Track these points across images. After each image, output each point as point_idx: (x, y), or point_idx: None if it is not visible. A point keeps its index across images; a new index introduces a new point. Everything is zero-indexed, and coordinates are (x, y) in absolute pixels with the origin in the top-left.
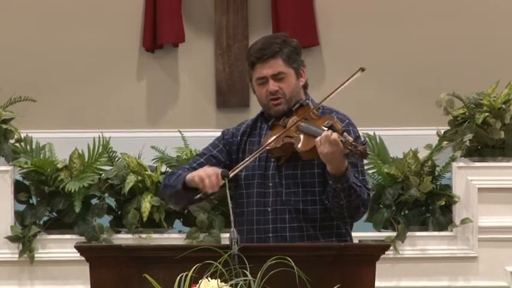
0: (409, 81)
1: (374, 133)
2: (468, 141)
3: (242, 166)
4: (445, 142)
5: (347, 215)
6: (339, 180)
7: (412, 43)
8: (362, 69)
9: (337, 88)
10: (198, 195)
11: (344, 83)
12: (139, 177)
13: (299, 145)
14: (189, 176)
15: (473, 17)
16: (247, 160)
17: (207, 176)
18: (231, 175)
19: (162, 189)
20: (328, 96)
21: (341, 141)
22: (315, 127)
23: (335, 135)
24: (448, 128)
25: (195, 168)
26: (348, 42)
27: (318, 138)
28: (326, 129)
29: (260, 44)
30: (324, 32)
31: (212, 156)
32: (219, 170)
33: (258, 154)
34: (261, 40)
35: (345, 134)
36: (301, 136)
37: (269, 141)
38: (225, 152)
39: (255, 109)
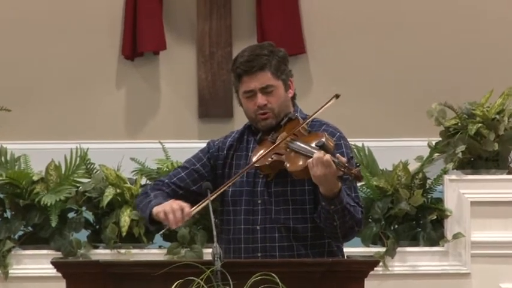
0: (399, 90)
1: (362, 144)
2: (460, 153)
3: (227, 186)
4: (437, 154)
5: (340, 235)
6: (332, 201)
7: (402, 51)
8: (337, 96)
9: (313, 114)
10: (162, 231)
11: (319, 110)
12: (118, 190)
13: (289, 165)
14: (155, 209)
15: (465, 24)
16: (233, 179)
17: (172, 211)
18: (212, 198)
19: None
20: (304, 123)
21: (334, 162)
22: (306, 146)
23: (327, 157)
24: (440, 139)
25: (175, 183)
26: (335, 50)
27: (310, 161)
28: (318, 148)
29: (247, 56)
30: (311, 39)
31: (194, 171)
32: (184, 204)
33: (245, 171)
34: (247, 51)
35: (338, 155)
36: (292, 154)
37: (257, 158)
38: (208, 167)
39: (239, 119)
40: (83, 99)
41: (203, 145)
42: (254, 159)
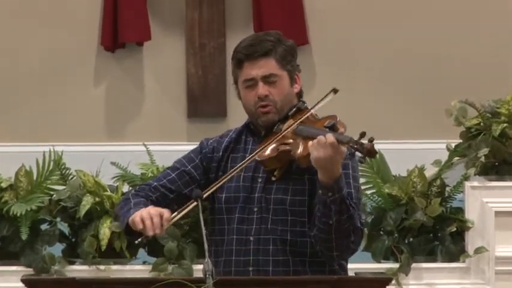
0: (413, 86)
1: None
2: (483, 157)
3: (221, 183)
4: (457, 158)
5: (335, 242)
6: (331, 188)
7: (416, 42)
8: (335, 91)
9: (310, 109)
10: (139, 239)
11: (315, 105)
12: (97, 199)
13: (298, 150)
14: (132, 216)
15: (488, 13)
16: (229, 174)
17: (149, 216)
18: (205, 195)
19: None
20: (311, 109)
21: (344, 139)
22: (315, 129)
23: (331, 138)
24: (460, 141)
25: (164, 186)
26: (342, 40)
27: (314, 141)
28: (327, 130)
29: (250, 40)
30: (315, 29)
31: (185, 172)
32: (163, 210)
33: (244, 165)
34: (252, 36)
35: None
36: (299, 140)
37: (261, 149)
38: (201, 169)
39: (234, 119)
40: (56, 97)
41: (192, 148)
42: (259, 151)
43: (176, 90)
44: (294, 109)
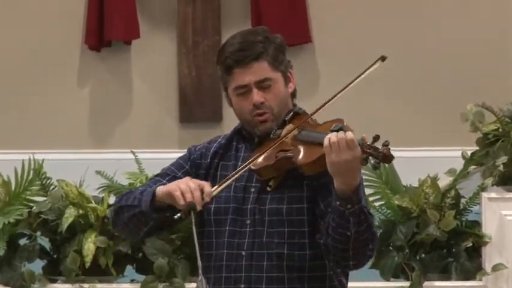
0: (425, 88)
1: None
2: (502, 165)
3: (222, 187)
4: (473, 166)
5: (352, 253)
6: (350, 199)
7: (428, 40)
8: (383, 58)
9: (353, 81)
10: (178, 215)
11: (361, 74)
12: (80, 211)
13: (299, 157)
14: (161, 190)
15: (504, 10)
16: (227, 180)
17: (189, 189)
18: (219, 189)
19: (113, 214)
20: (315, 111)
21: (358, 142)
22: (319, 133)
23: (350, 134)
24: (477, 148)
25: None
26: (347, 39)
27: (328, 142)
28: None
29: (238, 44)
30: (318, 26)
31: (177, 179)
32: (203, 183)
33: (240, 173)
34: (237, 37)
35: (363, 135)
36: (301, 147)
37: (256, 157)
38: (191, 176)
39: (229, 124)
40: (37, 100)
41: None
42: (254, 159)
43: (167, 92)
44: (291, 114)
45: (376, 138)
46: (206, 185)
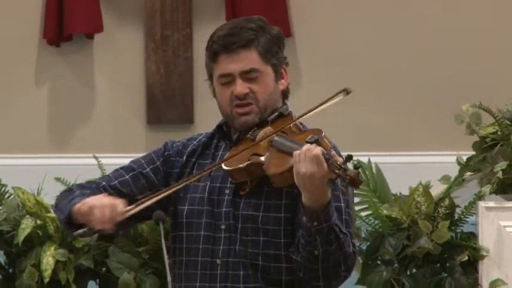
0: (417, 89)
1: (369, 160)
2: (501, 172)
3: (175, 188)
4: (469, 173)
5: (321, 275)
6: (317, 217)
7: (421, 37)
8: (347, 92)
9: (315, 108)
10: (80, 231)
11: (322, 103)
12: (38, 222)
13: (269, 166)
14: (78, 204)
15: (502, 5)
16: (191, 179)
17: (100, 206)
18: (156, 198)
19: (54, 209)
20: (299, 117)
21: (326, 160)
22: (293, 142)
23: (318, 149)
24: (473, 153)
25: (114, 188)
26: (330, 33)
27: (296, 153)
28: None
29: (228, 28)
30: (299, 19)
31: (142, 175)
32: (117, 202)
33: (207, 172)
34: (230, 23)
35: (333, 153)
36: (274, 154)
37: (228, 157)
38: (161, 174)
39: (202, 126)
40: None
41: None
42: (226, 159)
43: (133, 91)
44: (276, 114)
45: (348, 158)
46: (120, 204)
